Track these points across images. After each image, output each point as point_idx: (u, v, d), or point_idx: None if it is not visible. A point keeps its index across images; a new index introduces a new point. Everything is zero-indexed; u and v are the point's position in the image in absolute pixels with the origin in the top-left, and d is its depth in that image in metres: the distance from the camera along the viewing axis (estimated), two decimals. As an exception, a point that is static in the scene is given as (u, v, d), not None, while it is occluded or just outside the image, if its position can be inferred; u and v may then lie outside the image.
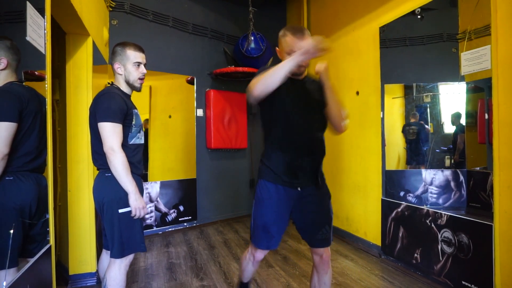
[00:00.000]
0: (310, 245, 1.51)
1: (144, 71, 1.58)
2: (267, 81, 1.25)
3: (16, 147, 1.15)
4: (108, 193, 1.45)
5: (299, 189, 1.45)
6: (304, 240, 1.53)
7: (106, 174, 1.46)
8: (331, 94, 1.41)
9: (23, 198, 1.20)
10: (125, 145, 1.49)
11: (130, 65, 1.53)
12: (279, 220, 1.46)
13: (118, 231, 1.44)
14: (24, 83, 1.22)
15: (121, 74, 1.55)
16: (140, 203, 1.45)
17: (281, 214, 1.46)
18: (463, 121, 2.21)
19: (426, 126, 2.52)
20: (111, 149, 1.39)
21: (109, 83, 1.60)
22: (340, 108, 1.43)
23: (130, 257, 1.51)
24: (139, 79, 1.56)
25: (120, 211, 1.44)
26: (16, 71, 1.16)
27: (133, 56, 1.53)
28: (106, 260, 1.61)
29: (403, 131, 2.64)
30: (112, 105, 1.42)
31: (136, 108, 1.60)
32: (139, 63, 1.55)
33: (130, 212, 1.46)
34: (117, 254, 1.45)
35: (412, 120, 2.59)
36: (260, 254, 1.54)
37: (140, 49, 1.57)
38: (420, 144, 2.55)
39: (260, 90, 1.28)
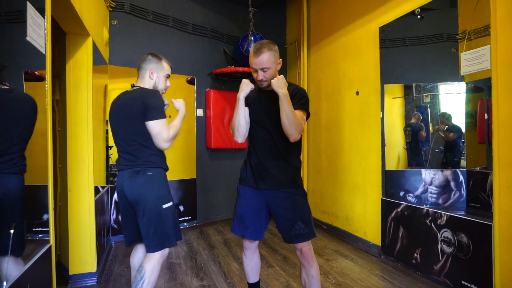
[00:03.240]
0: (288, 242, 1.59)
1: (169, 84, 1.76)
2: (236, 128, 1.57)
3: None
4: (153, 191, 1.55)
5: (264, 190, 1.58)
6: (282, 237, 1.61)
7: (148, 173, 1.55)
8: (281, 103, 1.45)
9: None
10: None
11: (162, 75, 1.69)
12: (252, 214, 1.62)
13: (162, 225, 1.54)
14: (5, 85, 1.17)
15: (152, 80, 1.67)
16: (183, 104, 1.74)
17: (254, 209, 1.62)
18: (454, 121, 2.22)
19: (424, 127, 2.53)
20: (168, 138, 1.56)
21: (133, 85, 1.68)
22: (290, 118, 1.45)
23: (166, 252, 1.60)
24: (164, 89, 1.73)
25: (164, 206, 1.56)
26: None
27: (166, 68, 1.71)
28: (141, 251, 1.72)
29: (404, 131, 2.65)
30: (161, 102, 1.57)
31: None
32: (168, 76, 1.73)
33: (171, 207, 1.59)
34: (164, 244, 1.55)
35: (412, 121, 2.59)
36: (245, 241, 1.69)
37: (170, 64, 1.75)
38: (419, 145, 2.55)
39: (241, 137, 1.58)
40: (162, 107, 1.57)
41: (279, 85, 1.47)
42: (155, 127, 1.53)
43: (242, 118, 1.55)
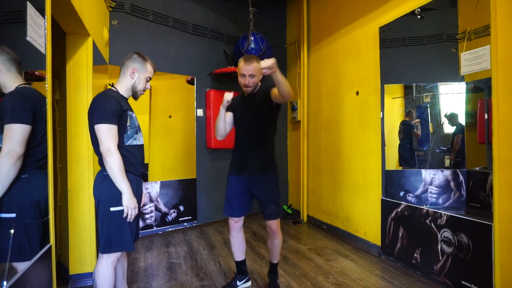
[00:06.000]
0: (264, 219, 1.99)
1: (149, 86, 1.72)
2: (216, 130, 2.00)
3: (33, 148, 1.21)
4: (103, 191, 1.51)
5: (245, 175, 1.96)
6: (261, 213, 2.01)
7: (105, 173, 1.52)
8: (275, 76, 1.65)
9: (39, 194, 1.27)
10: (121, 146, 1.53)
11: (143, 76, 1.66)
12: (237, 197, 2.00)
13: (108, 228, 1.50)
14: (31, 85, 1.25)
15: (132, 79, 1.63)
16: (132, 203, 1.50)
17: (239, 193, 2.00)
18: (461, 121, 2.21)
19: (418, 126, 2.55)
20: (108, 150, 1.45)
21: (109, 85, 1.64)
22: (284, 84, 1.70)
23: (117, 254, 1.55)
24: (143, 90, 1.69)
25: (112, 209, 1.50)
26: (19, 73, 1.17)
27: (150, 71, 1.68)
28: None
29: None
30: (108, 107, 1.47)
31: (132, 110, 1.65)
32: (149, 78, 1.69)
33: (121, 211, 1.51)
34: (105, 249, 1.51)
35: (406, 119, 2.61)
36: (230, 221, 2.05)
37: (154, 67, 1.72)
38: (411, 144, 2.58)
39: (219, 137, 2.01)
40: (108, 111, 1.47)
41: (272, 65, 1.60)
42: (97, 132, 1.47)
43: (222, 123, 1.96)
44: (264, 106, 1.91)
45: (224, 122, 1.96)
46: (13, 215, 1.15)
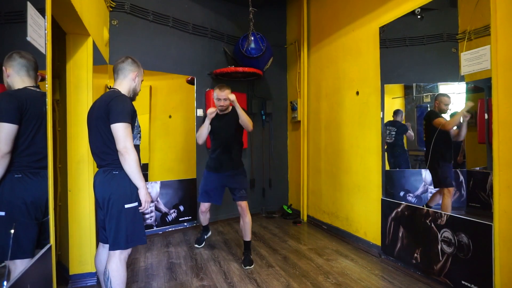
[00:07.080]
0: (235, 200, 2.61)
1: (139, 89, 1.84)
2: (200, 136, 2.53)
3: (23, 146, 1.21)
4: (115, 190, 1.56)
5: (222, 172, 2.62)
6: (232, 197, 2.64)
7: (114, 172, 1.56)
8: (239, 111, 2.44)
9: (33, 194, 1.27)
10: None
11: (139, 80, 1.78)
12: (215, 190, 2.68)
13: (124, 225, 1.56)
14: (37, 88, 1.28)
15: (134, 82, 1.74)
16: (149, 197, 1.64)
17: (216, 187, 2.67)
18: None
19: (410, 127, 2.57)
20: (126, 148, 1.50)
21: (109, 87, 1.69)
22: (246, 119, 2.48)
23: (129, 250, 1.63)
24: (137, 93, 1.81)
25: (126, 206, 1.56)
26: (31, 77, 1.23)
27: (142, 75, 1.82)
28: (104, 253, 1.70)
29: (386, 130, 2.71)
30: (126, 107, 1.55)
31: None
32: (142, 81, 1.81)
33: (134, 207, 1.59)
34: (122, 245, 1.56)
35: (397, 119, 2.61)
36: (202, 207, 2.76)
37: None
38: (397, 146, 2.61)
39: (201, 141, 2.54)
40: (126, 111, 1.53)
41: (236, 100, 2.41)
42: (115, 131, 1.51)
43: (206, 131, 2.50)
44: (234, 124, 2.54)
45: (207, 130, 2.52)
46: (2, 213, 1.17)
